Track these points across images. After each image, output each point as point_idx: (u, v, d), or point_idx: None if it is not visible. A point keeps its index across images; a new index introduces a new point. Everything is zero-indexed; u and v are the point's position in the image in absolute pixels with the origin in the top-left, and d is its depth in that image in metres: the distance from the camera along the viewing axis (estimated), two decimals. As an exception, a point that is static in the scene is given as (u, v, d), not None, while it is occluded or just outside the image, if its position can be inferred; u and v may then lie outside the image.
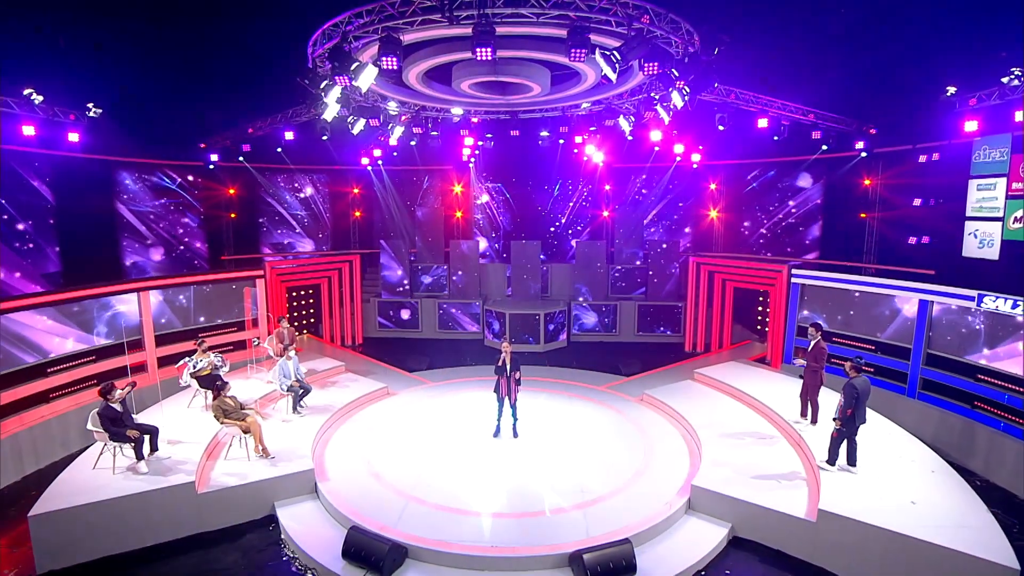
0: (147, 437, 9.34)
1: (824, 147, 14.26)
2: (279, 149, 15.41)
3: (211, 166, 16.47)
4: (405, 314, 18.78)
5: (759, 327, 17.03)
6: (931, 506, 7.91)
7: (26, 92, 11.91)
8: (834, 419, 8.85)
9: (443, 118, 14.48)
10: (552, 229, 21.31)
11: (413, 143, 16.11)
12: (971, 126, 11.49)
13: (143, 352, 13.12)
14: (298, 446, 10.29)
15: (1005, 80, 10.68)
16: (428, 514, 8.73)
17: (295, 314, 17.96)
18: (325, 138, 14.62)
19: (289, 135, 14.50)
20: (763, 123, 13.20)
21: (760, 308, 16.91)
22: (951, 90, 11.57)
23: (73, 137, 13.11)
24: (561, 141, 16.63)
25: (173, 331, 13.85)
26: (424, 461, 10.39)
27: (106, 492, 8.42)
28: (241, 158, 16.06)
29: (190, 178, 17.55)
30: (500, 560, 7.81)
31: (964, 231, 12.21)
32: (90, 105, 12.97)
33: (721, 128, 13.07)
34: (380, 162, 18.40)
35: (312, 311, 18.62)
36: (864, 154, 14.11)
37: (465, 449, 10.92)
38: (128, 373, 11.43)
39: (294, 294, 18.01)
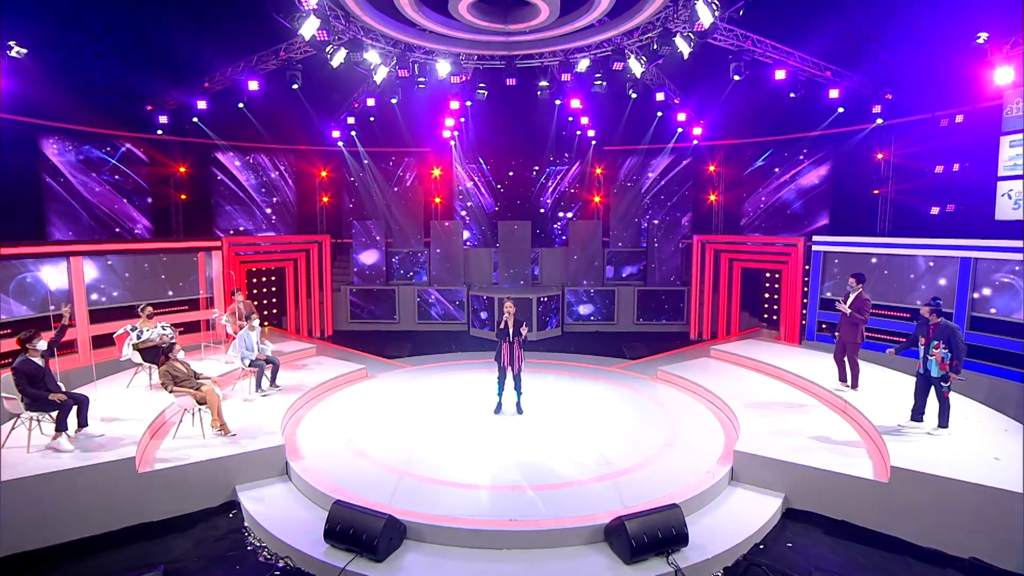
0: (74, 408, 7.56)
1: (840, 109, 13.36)
2: (240, 105, 13.57)
3: (159, 131, 14.43)
4: (381, 304, 17.10)
5: (766, 315, 15.86)
6: (1017, 461, 6.87)
7: None
8: (947, 375, 7.54)
9: (430, 65, 13.13)
10: (542, 211, 19.92)
11: (395, 101, 14.59)
12: (1004, 74, 10.63)
13: (74, 328, 11.14)
14: (264, 423, 8.67)
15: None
16: (428, 489, 7.20)
17: (255, 303, 15.99)
18: (296, 87, 13.03)
19: (254, 84, 12.73)
20: (780, 75, 12.24)
21: (767, 294, 15.75)
22: (983, 36, 10.76)
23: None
24: (558, 102, 15.38)
25: (111, 307, 11.90)
26: (416, 438, 8.82)
27: (18, 472, 6.64)
28: (196, 118, 14.12)
29: (135, 150, 15.53)
30: (522, 535, 6.36)
31: (996, 192, 11.37)
32: (12, 43, 10.88)
33: (737, 78, 12.08)
34: (354, 132, 16.71)
35: (275, 300, 16.68)
36: (880, 120, 13.26)
37: (463, 427, 9.40)
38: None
39: (254, 280, 16.14)
